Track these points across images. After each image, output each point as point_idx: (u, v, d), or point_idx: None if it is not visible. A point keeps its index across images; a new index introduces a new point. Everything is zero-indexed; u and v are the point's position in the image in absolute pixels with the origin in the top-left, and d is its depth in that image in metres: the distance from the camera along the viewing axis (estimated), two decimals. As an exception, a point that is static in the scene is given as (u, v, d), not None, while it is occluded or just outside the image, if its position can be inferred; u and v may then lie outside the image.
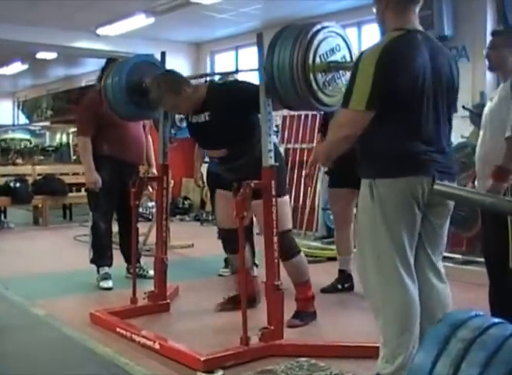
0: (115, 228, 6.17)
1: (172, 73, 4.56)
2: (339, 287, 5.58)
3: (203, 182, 6.58)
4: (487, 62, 4.17)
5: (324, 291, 5.54)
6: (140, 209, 8.49)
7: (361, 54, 3.08)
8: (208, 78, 5.28)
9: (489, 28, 7.67)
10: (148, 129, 6.29)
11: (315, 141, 6.32)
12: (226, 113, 4.29)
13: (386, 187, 3.08)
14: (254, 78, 4.19)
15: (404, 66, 3.01)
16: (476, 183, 4.07)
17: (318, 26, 3.76)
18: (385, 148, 3.08)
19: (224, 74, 6.06)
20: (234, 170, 4.47)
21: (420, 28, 3.19)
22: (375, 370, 3.18)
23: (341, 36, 3.89)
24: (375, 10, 3.26)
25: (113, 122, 5.47)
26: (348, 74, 3.86)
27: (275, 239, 3.98)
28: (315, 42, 3.70)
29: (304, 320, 4.53)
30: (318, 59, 3.71)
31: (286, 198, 4.58)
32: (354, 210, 5.46)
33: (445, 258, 3.41)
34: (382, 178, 3.09)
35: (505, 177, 3.77)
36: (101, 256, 5.92)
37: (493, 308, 3.95)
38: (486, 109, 4.16)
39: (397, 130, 3.06)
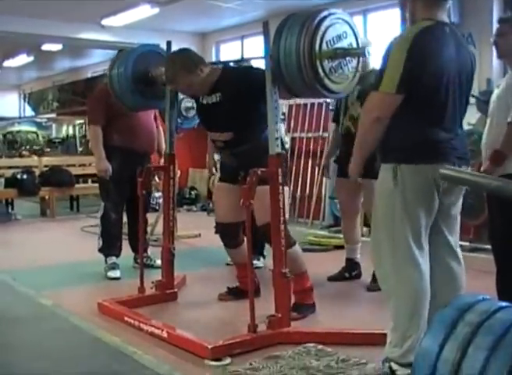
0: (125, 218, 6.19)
1: (188, 52, 4.49)
2: (347, 275, 5.57)
3: (216, 170, 6.49)
4: (495, 50, 4.18)
5: (331, 279, 5.54)
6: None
7: (392, 41, 3.13)
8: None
9: (496, 15, 7.63)
10: (159, 119, 6.28)
11: (329, 130, 6.25)
12: (237, 96, 4.27)
13: (411, 172, 3.14)
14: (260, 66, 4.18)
15: (434, 56, 3.07)
16: (482, 169, 4.10)
17: (326, 13, 3.75)
18: (411, 134, 3.14)
19: (230, 62, 6.02)
20: (236, 156, 4.46)
21: (448, 21, 3.25)
22: (384, 355, 3.20)
23: (348, 23, 3.88)
24: None
25: (123, 112, 5.46)
26: (354, 61, 3.88)
27: (282, 227, 3.98)
28: (322, 28, 3.69)
29: (302, 313, 4.44)
30: (324, 45, 3.70)
31: (285, 188, 4.41)
32: (362, 199, 5.45)
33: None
34: (408, 164, 3.14)
35: (501, 161, 3.90)
36: (109, 246, 5.94)
37: (500, 295, 3.96)
38: (493, 97, 4.18)
39: (422, 118, 3.14)
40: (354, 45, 3.89)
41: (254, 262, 5.42)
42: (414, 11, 3.26)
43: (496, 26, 4.30)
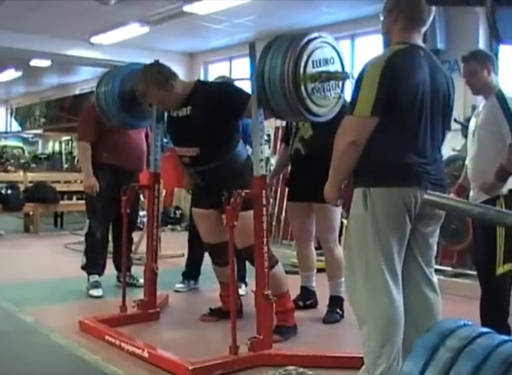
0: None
1: (159, 66, 4.49)
2: (301, 304, 5.25)
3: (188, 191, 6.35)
4: (469, 89, 4.26)
5: None
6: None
7: (366, 64, 3.13)
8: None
9: (482, 42, 7.74)
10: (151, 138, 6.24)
11: (280, 149, 6.02)
12: (207, 111, 4.24)
13: (380, 196, 3.11)
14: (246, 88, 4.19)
15: (407, 78, 3.07)
16: (471, 193, 4.23)
17: (316, 34, 3.77)
18: (382, 157, 3.11)
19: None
20: (203, 174, 4.44)
21: (422, 45, 3.26)
22: None
23: (337, 51, 3.87)
24: (382, 18, 3.32)
25: (113, 129, 5.46)
26: (338, 89, 3.88)
27: (265, 248, 3.98)
28: (310, 47, 3.69)
29: (284, 335, 4.41)
30: (310, 64, 3.69)
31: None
32: (313, 225, 5.20)
33: (435, 271, 3.42)
34: (377, 187, 3.11)
35: (506, 178, 3.97)
36: (92, 264, 5.90)
37: (484, 319, 4.01)
38: (473, 126, 4.23)
39: (395, 141, 3.10)
40: (340, 73, 3.89)
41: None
42: (390, 34, 3.27)
43: (461, 65, 4.38)
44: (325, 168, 3.24)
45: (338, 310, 4.98)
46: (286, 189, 5.48)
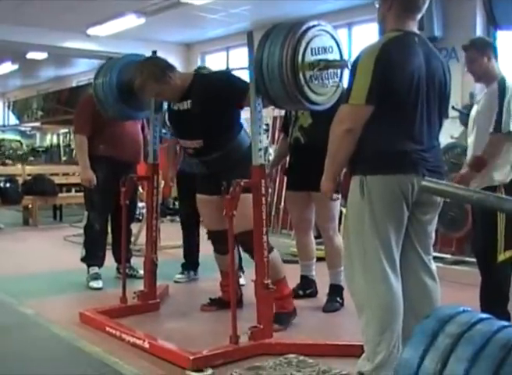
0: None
1: (155, 60, 4.50)
2: (300, 292, 5.23)
3: (172, 182, 6.38)
4: (472, 76, 4.28)
5: None
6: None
7: (360, 53, 3.12)
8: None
9: (479, 29, 7.72)
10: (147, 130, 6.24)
11: (279, 139, 5.99)
12: (208, 102, 4.24)
13: (377, 183, 3.10)
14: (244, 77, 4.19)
15: (402, 65, 3.06)
16: (461, 172, 4.25)
17: (315, 22, 3.75)
18: (379, 145, 3.10)
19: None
20: (207, 164, 4.46)
21: (417, 32, 3.24)
22: (356, 368, 3.20)
23: (335, 40, 3.86)
24: (377, 6, 3.30)
25: (109, 121, 5.46)
26: (337, 78, 3.86)
27: (265, 238, 3.98)
28: (309, 34, 3.67)
29: (284, 323, 4.41)
30: (308, 51, 3.67)
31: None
32: (313, 214, 5.20)
33: (434, 259, 3.43)
34: (374, 175, 3.11)
35: (481, 167, 4.03)
36: (92, 256, 5.91)
37: (483, 305, 4.03)
38: (474, 113, 4.25)
39: (391, 129, 3.09)
40: (338, 63, 3.88)
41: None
42: (385, 22, 3.25)
43: (463, 54, 4.41)
44: (325, 157, 3.23)
45: (338, 299, 4.99)
46: (285, 178, 5.48)
